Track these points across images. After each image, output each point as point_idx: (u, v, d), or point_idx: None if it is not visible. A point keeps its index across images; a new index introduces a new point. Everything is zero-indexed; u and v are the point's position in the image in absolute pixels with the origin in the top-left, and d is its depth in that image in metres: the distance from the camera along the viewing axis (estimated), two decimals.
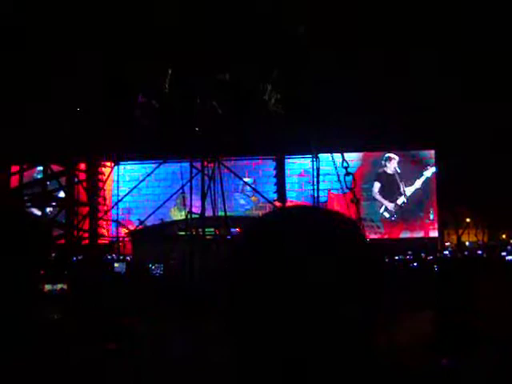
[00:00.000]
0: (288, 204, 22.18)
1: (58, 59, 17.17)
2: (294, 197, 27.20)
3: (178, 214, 26.33)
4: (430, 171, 29.48)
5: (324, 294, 1.14)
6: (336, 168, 14.37)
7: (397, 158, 29.51)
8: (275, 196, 24.61)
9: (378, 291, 1.20)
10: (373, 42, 23.64)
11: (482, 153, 28.23)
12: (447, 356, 4.44)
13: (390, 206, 29.45)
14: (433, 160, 29.53)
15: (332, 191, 26.48)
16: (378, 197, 29.32)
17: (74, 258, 18.51)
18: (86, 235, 20.45)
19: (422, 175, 29.43)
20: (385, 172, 29.47)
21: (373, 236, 26.25)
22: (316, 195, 21.15)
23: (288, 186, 26.55)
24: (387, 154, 29.55)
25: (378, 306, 1.19)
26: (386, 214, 29.44)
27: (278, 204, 21.71)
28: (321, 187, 22.95)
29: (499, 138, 27.33)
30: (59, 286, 11.43)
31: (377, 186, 29.37)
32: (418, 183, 29.49)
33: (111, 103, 19.81)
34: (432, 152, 29.57)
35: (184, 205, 20.19)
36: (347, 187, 13.11)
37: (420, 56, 25.26)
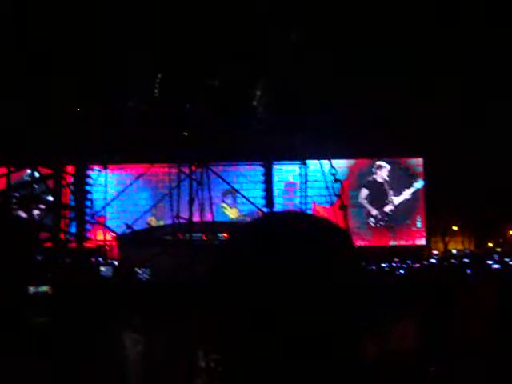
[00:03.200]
0: (275, 210, 22.13)
1: (47, 60, 17.10)
2: (281, 203, 27.16)
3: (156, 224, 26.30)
4: (420, 183, 29.53)
5: (312, 301, 1.14)
6: (324, 174, 14.39)
7: (388, 166, 29.55)
8: (263, 202, 24.60)
9: (366, 298, 1.20)
10: (364, 48, 23.66)
11: (471, 160, 28.32)
12: (435, 363, 4.45)
13: (375, 212, 29.46)
14: (421, 168, 29.57)
15: (317, 204, 26.44)
16: (364, 202, 29.34)
17: (60, 261, 18.43)
18: (73, 239, 20.37)
19: (412, 186, 29.48)
20: (374, 180, 29.49)
21: (360, 243, 26.24)
22: (304, 201, 21.15)
23: (276, 193, 26.54)
24: (378, 162, 29.58)
25: (367, 312, 1.19)
26: (372, 220, 29.47)
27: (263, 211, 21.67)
28: (308, 194, 22.94)
29: (487, 146, 27.42)
30: (44, 289, 11.38)
31: (364, 192, 29.38)
32: (407, 193, 29.54)
33: (99, 106, 19.75)
34: (420, 160, 29.62)
35: (171, 210, 20.14)
36: (335, 194, 13.14)
37: (409, 62, 25.31)
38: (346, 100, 24.53)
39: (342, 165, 26.77)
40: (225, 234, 20.47)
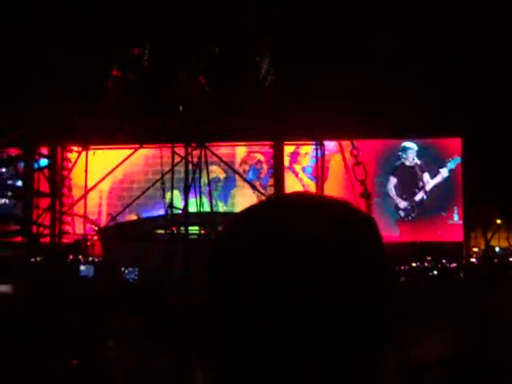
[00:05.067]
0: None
1: (21, 26, 17.12)
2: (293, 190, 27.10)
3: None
4: (453, 162, 29.43)
5: (327, 301, 1.09)
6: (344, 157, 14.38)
7: (415, 146, 29.45)
8: (271, 189, 24.58)
9: (391, 300, 1.15)
10: (390, 14, 23.59)
11: None
12: (471, 377, 4.42)
13: (403, 204, 29.41)
14: (459, 150, 29.48)
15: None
16: (392, 193, 29.28)
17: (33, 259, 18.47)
18: (47, 232, 20.38)
19: (445, 167, 29.38)
20: (403, 164, 29.39)
21: (386, 238, 26.14)
22: (321, 187, 21.13)
23: (287, 178, 26.48)
24: (404, 144, 29.49)
25: (391, 319, 1.15)
26: (402, 213, 29.43)
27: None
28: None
29: None
30: (4, 288, 11.47)
31: (392, 181, 29.28)
32: (440, 176, 29.45)
33: (80, 76, 19.72)
34: (458, 140, 29.52)
35: (163, 197, 20.14)
36: (357, 179, 13.10)
37: (444, 30, 25.26)
38: (370, 70, 24.45)
39: (365, 145, 26.69)
40: None
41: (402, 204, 29.36)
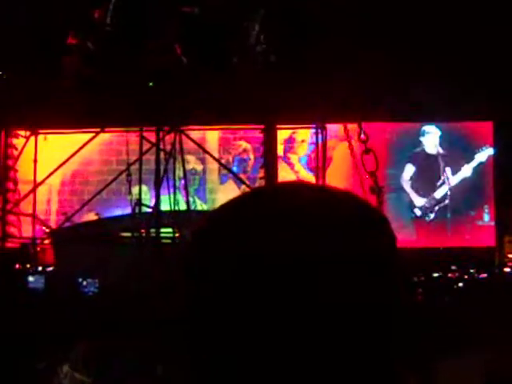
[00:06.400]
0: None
1: None
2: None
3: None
4: (484, 153, 29.47)
5: (328, 319, 1.07)
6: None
7: (438, 132, 29.47)
8: (262, 183, 24.65)
9: (410, 321, 1.12)
10: None
11: None
12: None
13: (421, 201, 29.39)
14: (490, 136, 29.53)
15: None
16: (407, 185, 29.18)
17: None
18: None
19: (474, 159, 29.39)
20: (424, 151, 29.35)
21: (400, 242, 25.97)
22: (322, 177, 21.20)
23: (280, 170, 26.49)
24: (424, 128, 29.50)
25: (408, 340, 1.11)
26: (418, 212, 29.40)
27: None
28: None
29: None
30: None
31: (409, 170, 29.19)
32: (468, 170, 29.46)
33: (27, 45, 19.71)
34: (489, 124, 29.58)
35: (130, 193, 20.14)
36: (366, 170, 13.13)
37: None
38: (382, 39, 24.45)
39: (377, 130, 26.64)
40: None
41: (420, 201, 29.33)
